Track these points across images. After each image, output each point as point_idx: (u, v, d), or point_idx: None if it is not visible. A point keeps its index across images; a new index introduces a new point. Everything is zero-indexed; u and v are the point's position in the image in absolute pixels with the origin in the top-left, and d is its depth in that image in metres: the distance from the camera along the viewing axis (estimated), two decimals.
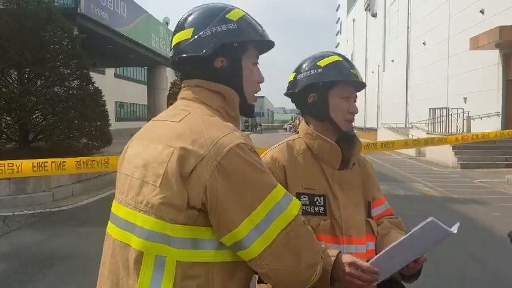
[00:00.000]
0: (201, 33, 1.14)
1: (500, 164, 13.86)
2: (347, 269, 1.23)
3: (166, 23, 23.22)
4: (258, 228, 0.99)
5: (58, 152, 9.71)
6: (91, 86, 11.09)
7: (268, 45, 1.28)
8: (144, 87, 24.89)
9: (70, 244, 5.54)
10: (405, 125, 25.61)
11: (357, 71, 1.56)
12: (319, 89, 1.53)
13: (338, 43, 65.85)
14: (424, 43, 25.03)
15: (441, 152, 14.86)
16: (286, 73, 1.76)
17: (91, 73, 11.50)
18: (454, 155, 14.39)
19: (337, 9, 67.32)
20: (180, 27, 1.19)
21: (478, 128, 17.62)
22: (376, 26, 37.75)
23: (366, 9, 40.62)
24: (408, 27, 28.54)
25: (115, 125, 17.54)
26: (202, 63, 1.16)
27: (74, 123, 10.29)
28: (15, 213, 7.21)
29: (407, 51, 28.64)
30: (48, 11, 10.23)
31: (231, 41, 1.15)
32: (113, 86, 26.85)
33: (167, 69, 21.93)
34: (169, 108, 1.22)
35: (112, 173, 10.18)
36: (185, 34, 1.17)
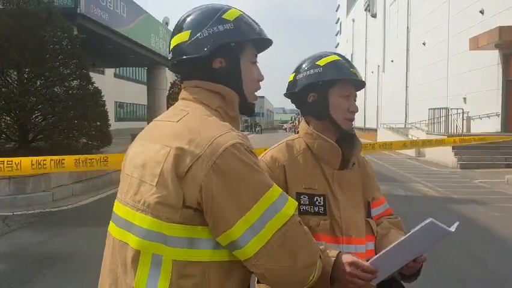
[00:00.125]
0: (198, 35, 1.15)
1: (500, 164, 13.86)
2: (347, 268, 1.23)
3: (166, 23, 23.21)
4: (253, 228, 0.99)
5: (58, 152, 9.67)
6: (90, 86, 11.09)
7: (267, 43, 1.28)
8: (144, 88, 24.89)
9: (70, 244, 5.53)
10: (405, 125, 25.62)
11: (356, 70, 1.57)
12: (319, 88, 1.53)
13: (338, 43, 65.90)
14: (424, 43, 25.06)
15: (441, 152, 14.85)
16: (286, 73, 1.76)
17: (90, 73, 11.50)
18: (454, 155, 14.39)
19: (337, 10, 67.37)
20: (178, 29, 1.20)
21: (478, 128, 17.64)
22: (376, 26, 37.78)
23: (366, 10, 40.65)
24: (408, 27, 28.57)
25: (114, 125, 17.55)
26: (201, 64, 1.17)
27: (73, 123, 10.28)
28: (15, 213, 7.20)
29: (407, 51, 28.66)
30: (48, 11, 10.23)
31: (228, 41, 1.15)
32: (112, 86, 26.84)
33: (167, 69, 21.91)
34: (169, 108, 1.23)
35: (112, 173, 10.19)
36: (183, 36, 1.17)
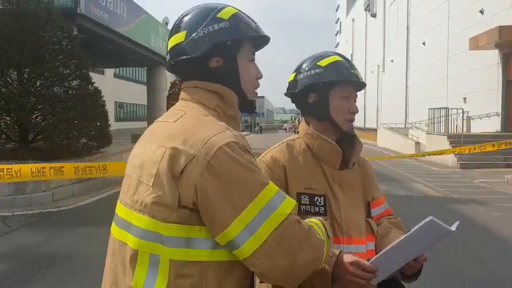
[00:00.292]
0: (193, 35, 1.15)
1: (500, 164, 13.86)
2: (348, 268, 1.23)
3: (166, 23, 23.22)
4: (249, 227, 0.99)
5: (58, 152, 9.70)
6: (90, 86, 11.07)
7: (264, 40, 1.28)
8: (144, 88, 24.85)
9: (70, 244, 5.53)
10: (405, 125, 25.62)
11: (357, 71, 1.56)
12: (319, 89, 1.53)
13: (338, 43, 65.87)
14: (424, 43, 25.05)
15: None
16: (286, 73, 1.76)
17: (90, 73, 11.48)
18: (454, 155, 14.38)
19: (337, 9, 67.34)
20: (174, 30, 1.21)
21: (478, 128, 17.64)
22: (376, 26, 37.76)
23: (365, 9, 40.64)
24: (407, 27, 28.56)
25: (114, 125, 17.53)
26: (198, 64, 1.17)
27: (73, 124, 10.26)
28: (14, 213, 7.20)
29: (407, 51, 28.66)
30: (48, 11, 10.22)
31: (224, 39, 1.15)
32: (112, 86, 26.82)
33: (166, 69, 21.93)
34: (170, 109, 1.23)
35: None
36: (180, 37, 1.18)
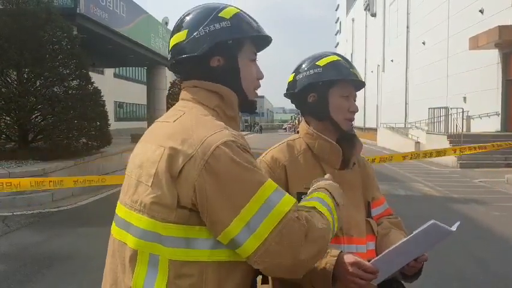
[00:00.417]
0: (195, 34, 1.15)
1: (500, 164, 13.86)
2: (349, 268, 1.23)
3: (166, 23, 23.19)
4: (249, 226, 0.99)
5: (57, 152, 9.71)
6: (90, 86, 11.08)
7: (266, 41, 1.28)
8: (143, 87, 24.85)
9: (70, 244, 5.53)
10: (405, 125, 25.62)
11: (356, 70, 1.57)
12: (319, 88, 1.53)
13: (338, 43, 65.90)
14: (424, 43, 25.06)
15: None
16: (286, 73, 1.76)
17: (90, 73, 11.49)
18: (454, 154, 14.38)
19: (336, 9, 67.35)
20: (176, 29, 1.21)
21: (478, 127, 17.64)
22: (375, 26, 37.78)
23: (365, 9, 40.66)
24: (407, 27, 28.57)
25: (114, 125, 17.54)
26: (199, 63, 1.17)
27: (73, 123, 10.26)
28: (14, 213, 7.19)
29: (407, 51, 28.67)
30: (48, 11, 10.22)
31: (225, 38, 1.15)
32: (112, 86, 26.82)
33: (166, 69, 21.90)
34: (170, 109, 1.23)
35: (111, 174, 10.18)
36: (181, 36, 1.18)
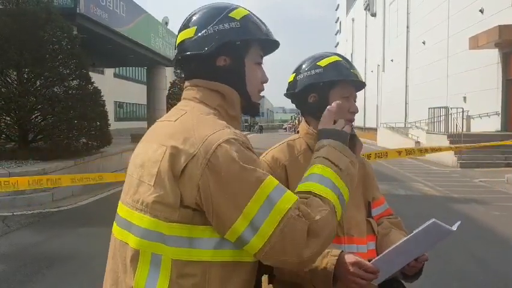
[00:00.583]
0: (203, 32, 1.15)
1: (500, 164, 13.85)
2: (350, 268, 1.23)
3: (166, 23, 23.18)
4: (253, 224, 0.99)
5: (57, 151, 9.70)
6: (90, 86, 11.07)
7: (273, 45, 1.27)
8: (143, 87, 24.83)
9: (70, 244, 5.53)
10: (405, 125, 25.62)
11: (356, 71, 1.57)
12: (319, 89, 1.53)
13: (338, 43, 65.87)
14: (424, 42, 25.06)
15: (441, 152, 14.83)
16: (286, 73, 1.76)
17: (90, 73, 11.48)
18: (454, 154, 14.39)
19: (336, 9, 67.32)
20: (184, 26, 1.20)
21: (478, 127, 17.64)
22: (375, 26, 37.77)
23: (365, 9, 40.65)
24: (407, 26, 28.57)
25: (114, 125, 17.52)
26: (205, 61, 1.17)
27: (73, 123, 10.26)
28: (14, 213, 7.19)
29: (407, 50, 28.66)
30: (48, 11, 10.21)
31: (233, 39, 1.14)
32: (112, 86, 26.81)
33: (166, 69, 21.91)
34: (172, 108, 1.23)
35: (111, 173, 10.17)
36: (189, 32, 1.17)
